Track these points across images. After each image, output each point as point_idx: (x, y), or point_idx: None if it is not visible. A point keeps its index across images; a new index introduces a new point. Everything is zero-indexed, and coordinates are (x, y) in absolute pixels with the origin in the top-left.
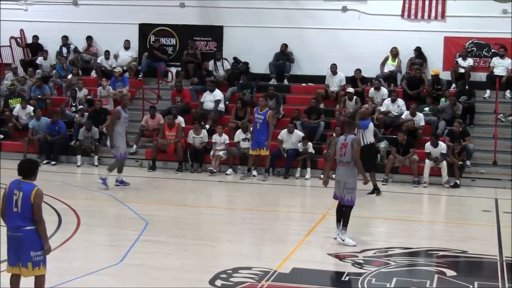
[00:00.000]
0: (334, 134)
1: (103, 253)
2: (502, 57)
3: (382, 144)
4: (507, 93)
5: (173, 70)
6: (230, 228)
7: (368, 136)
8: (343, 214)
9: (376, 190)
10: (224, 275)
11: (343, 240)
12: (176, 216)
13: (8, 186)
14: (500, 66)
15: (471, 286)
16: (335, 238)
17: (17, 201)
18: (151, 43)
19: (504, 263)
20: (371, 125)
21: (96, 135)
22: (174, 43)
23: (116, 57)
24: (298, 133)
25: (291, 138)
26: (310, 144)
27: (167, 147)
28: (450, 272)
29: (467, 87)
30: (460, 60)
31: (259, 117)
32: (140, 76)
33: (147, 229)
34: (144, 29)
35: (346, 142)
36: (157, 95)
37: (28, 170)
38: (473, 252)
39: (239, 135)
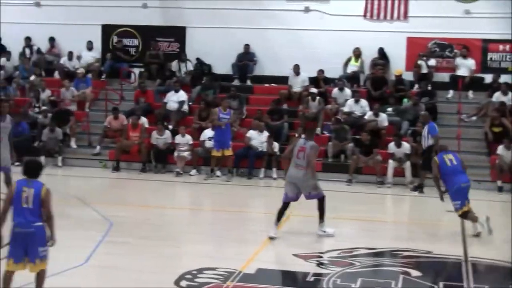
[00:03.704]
0: (296, 135)
1: (67, 254)
2: (464, 57)
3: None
4: (470, 93)
5: (136, 71)
6: (194, 228)
7: (430, 138)
8: (320, 208)
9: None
10: (189, 276)
11: (325, 232)
12: (141, 217)
13: (16, 185)
14: (463, 66)
15: (436, 287)
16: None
17: (27, 198)
18: (114, 43)
19: (469, 263)
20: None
21: (59, 136)
22: (137, 44)
23: (79, 58)
24: (266, 133)
25: (260, 137)
26: (276, 144)
27: (130, 147)
28: (415, 273)
29: (429, 88)
30: (422, 61)
31: (224, 117)
32: (103, 77)
33: (111, 230)
34: (107, 30)
35: (305, 146)
36: (120, 95)
37: (35, 170)
38: (438, 252)
39: (206, 133)
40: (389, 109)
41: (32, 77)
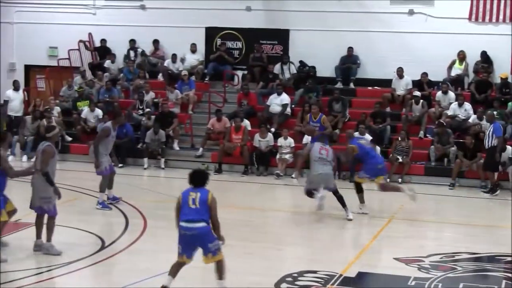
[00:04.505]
0: (399, 138)
1: (169, 255)
2: None
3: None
4: None
5: (239, 73)
6: (295, 231)
7: (494, 139)
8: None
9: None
10: (289, 279)
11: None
12: (242, 219)
13: (183, 193)
14: None
15: None
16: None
17: (194, 200)
18: (218, 46)
19: None
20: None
21: (163, 138)
22: (240, 47)
23: (182, 60)
24: (368, 137)
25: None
26: (378, 148)
27: (233, 150)
28: None
29: None
30: None
31: (315, 125)
32: (206, 79)
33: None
34: (211, 33)
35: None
36: (223, 98)
37: (201, 179)
38: None
39: (308, 136)
40: (494, 112)
41: (136, 80)
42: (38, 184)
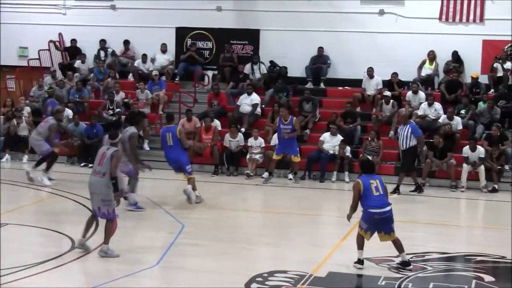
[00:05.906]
0: (369, 138)
1: (140, 255)
2: None
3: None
4: None
5: (210, 73)
6: (266, 231)
7: (413, 139)
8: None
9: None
10: (260, 279)
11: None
12: (213, 219)
13: (362, 181)
14: None
15: None
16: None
17: (377, 187)
18: (188, 46)
19: None
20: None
21: None
22: (211, 47)
23: (153, 60)
24: (339, 137)
25: (333, 141)
26: (348, 148)
27: (203, 150)
28: (488, 278)
29: (506, 91)
30: (498, 64)
31: (286, 128)
32: (176, 79)
33: (183, 232)
34: (181, 33)
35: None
36: (194, 98)
37: (373, 168)
38: None
39: (275, 138)
40: (463, 111)
41: (108, 79)
42: (100, 187)
